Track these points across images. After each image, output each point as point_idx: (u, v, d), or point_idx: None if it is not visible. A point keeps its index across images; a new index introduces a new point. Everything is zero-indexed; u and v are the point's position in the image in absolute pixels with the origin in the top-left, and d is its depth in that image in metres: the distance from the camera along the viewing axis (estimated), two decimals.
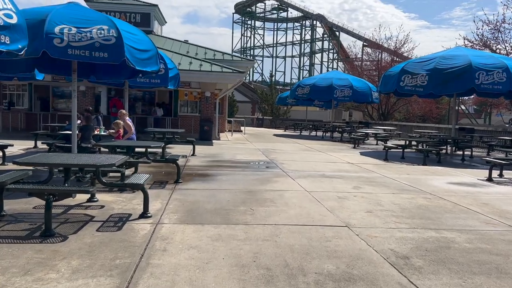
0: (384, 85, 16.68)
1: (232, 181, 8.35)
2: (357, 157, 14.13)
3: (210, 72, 17.42)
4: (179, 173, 7.99)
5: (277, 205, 6.39)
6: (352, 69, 42.03)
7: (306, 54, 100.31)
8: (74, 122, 8.60)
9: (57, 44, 6.98)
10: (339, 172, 10.36)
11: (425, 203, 7.08)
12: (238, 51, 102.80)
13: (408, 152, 15.13)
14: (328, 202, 6.79)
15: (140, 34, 8.46)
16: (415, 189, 8.36)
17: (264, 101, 43.16)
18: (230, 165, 10.73)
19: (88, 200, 6.04)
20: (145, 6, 25.60)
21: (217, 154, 13.21)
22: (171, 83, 12.25)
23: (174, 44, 23.60)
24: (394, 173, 10.53)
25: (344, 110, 58.63)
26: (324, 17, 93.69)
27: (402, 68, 15.31)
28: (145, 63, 8.26)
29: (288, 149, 16.07)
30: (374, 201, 7.04)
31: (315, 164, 11.71)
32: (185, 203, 6.25)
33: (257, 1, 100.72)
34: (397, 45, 36.30)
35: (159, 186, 7.56)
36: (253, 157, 12.82)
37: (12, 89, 22.49)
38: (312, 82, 25.42)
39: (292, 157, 13.10)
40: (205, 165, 10.65)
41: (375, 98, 25.64)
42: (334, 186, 8.32)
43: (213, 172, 9.42)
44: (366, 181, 9.12)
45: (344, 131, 24.67)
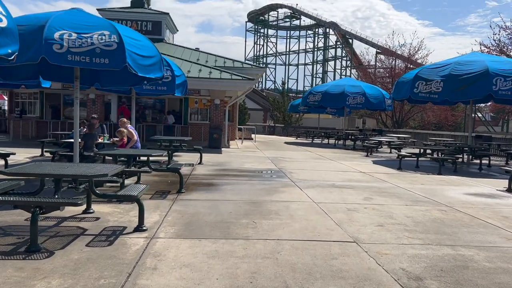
0: (398, 92, 16.24)
1: (237, 191, 8.03)
2: (370, 166, 13.69)
3: (220, 80, 17.21)
4: (181, 182, 7.71)
5: (282, 217, 6.05)
6: (365, 76, 41.54)
7: (319, 61, 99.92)
8: (76, 130, 8.40)
9: (57, 50, 6.79)
10: (349, 181, 9.96)
11: (440, 216, 6.65)
12: (250, 59, 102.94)
13: (423, 161, 14.64)
14: (336, 214, 6.42)
15: (144, 40, 8.26)
16: (430, 201, 7.93)
17: (276, 109, 42.85)
18: (237, 174, 10.42)
19: (84, 211, 5.78)
20: (156, 15, 25.64)
21: (225, 162, 12.92)
22: (178, 90, 12.02)
23: (185, 51, 23.51)
24: (408, 183, 10.10)
25: (357, 117, 58.01)
26: (337, 24, 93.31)
27: (416, 75, 14.88)
28: (148, 70, 8.03)
29: (298, 157, 15.71)
30: (386, 213, 6.64)
31: (325, 173, 11.33)
32: (184, 215, 5.95)
33: (270, 10, 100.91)
34: (411, 52, 35.78)
35: (160, 196, 7.28)
36: (261, 165, 12.49)
37: (24, 97, 22.61)
38: (324, 89, 25.06)
39: (301, 166, 12.74)
40: (211, 174, 10.35)
41: (389, 105, 25.16)
42: (344, 197, 7.94)
43: (218, 182, 9.12)
44: (378, 191, 8.72)
45: (357, 139, 24.20)
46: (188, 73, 17.49)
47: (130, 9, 25.83)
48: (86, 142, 8.97)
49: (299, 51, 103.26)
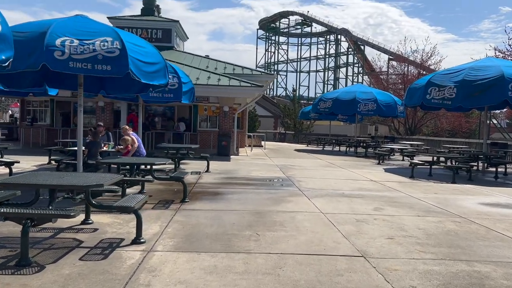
0: (410, 98, 15.90)
1: (243, 201, 7.80)
2: (381, 174, 13.36)
3: (228, 87, 17.07)
4: (185, 192, 7.51)
5: (287, 229, 5.80)
6: (377, 82, 41.11)
7: (331, 68, 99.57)
8: (80, 138, 8.27)
9: (58, 57, 6.67)
10: (359, 191, 9.66)
11: (454, 227, 6.33)
12: (262, 66, 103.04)
13: (436, 169, 14.25)
14: (344, 226, 6.14)
15: (148, 46, 8.12)
16: (443, 211, 7.60)
17: (286, 116, 42.60)
18: (244, 183, 10.19)
19: (82, 222, 5.61)
20: (166, 22, 25.68)
21: (232, 170, 12.71)
22: (185, 97, 11.89)
23: (195, 59, 23.47)
24: (420, 192, 9.76)
25: (369, 124, 57.40)
26: (349, 31, 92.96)
27: (429, 80, 14.55)
28: (152, 76, 7.88)
29: (308, 165, 15.43)
30: (397, 225, 6.35)
31: (334, 181, 11.04)
32: (185, 226, 5.74)
33: (281, 17, 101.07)
34: (423, 58, 35.30)
35: (163, 206, 7.09)
36: (269, 174, 12.25)
37: (35, 105, 22.76)
38: (334, 96, 24.77)
39: (310, 174, 12.47)
40: (218, 182, 10.14)
41: (401, 112, 24.74)
42: (353, 207, 7.65)
43: (224, 190, 8.90)
44: (389, 201, 8.41)
45: (369, 146, 23.82)
46: (197, 80, 17.40)
47: (141, 17, 25.93)
48: (90, 150, 8.84)
49: (310, 58, 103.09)
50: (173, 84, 11.27)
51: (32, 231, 5.08)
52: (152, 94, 11.07)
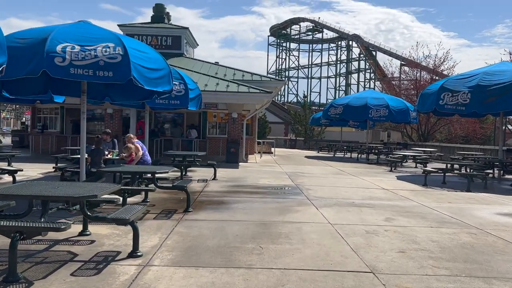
0: (422, 104, 15.55)
1: (248, 210, 7.56)
2: (393, 182, 13.00)
3: (237, 93, 16.88)
4: (188, 201, 7.28)
5: (292, 242, 5.53)
6: (389, 88, 40.62)
7: (342, 74, 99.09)
8: (83, 146, 8.13)
9: (59, 63, 6.54)
10: (370, 200, 9.34)
11: (469, 240, 6.00)
12: (273, 72, 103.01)
13: (450, 176, 13.83)
14: (353, 238, 5.85)
15: (152, 52, 7.96)
16: (458, 222, 7.25)
17: (297, 122, 42.29)
18: (251, 191, 9.94)
19: (80, 233, 5.41)
20: (176, 29, 25.69)
21: (240, 178, 12.47)
22: (192, 104, 11.71)
23: (204, 65, 23.38)
24: (434, 202, 9.40)
25: (382, 130, 56.74)
26: (360, 37, 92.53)
27: (441, 86, 14.19)
28: (156, 83, 7.72)
29: (318, 172, 15.12)
30: (408, 237, 6.03)
31: (344, 190, 10.73)
32: (186, 238, 5.50)
33: (292, 24, 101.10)
34: (436, 63, 34.76)
35: (165, 216, 6.87)
36: (277, 181, 11.98)
37: (46, 112, 22.86)
38: (345, 102, 24.42)
39: (320, 182, 12.17)
40: (224, 190, 9.91)
41: (414, 118, 24.28)
42: (363, 217, 7.35)
43: (230, 199, 8.66)
44: (401, 211, 8.08)
45: (381, 153, 23.41)
46: (205, 87, 17.26)
47: (150, 25, 25.98)
48: (93, 158, 8.70)
49: (322, 64, 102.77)
50: (180, 90, 11.12)
51: (27, 243, 4.91)
52: (159, 101, 10.95)
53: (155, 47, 25.05)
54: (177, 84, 11.14)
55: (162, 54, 24.79)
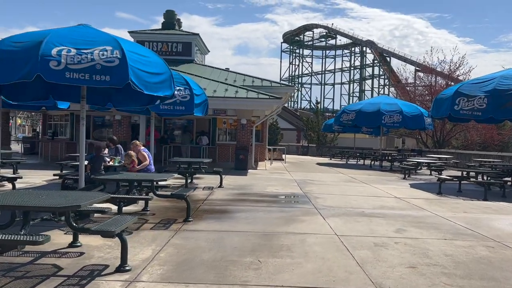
0: (437, 109, 15.03)
1: (251, 220, 7.22)
2: (406, 190, 12.52)
3: (246, 99, 16.61)
4: (188, 210, 6.98)
5: (294, 255, 5.17)
6: (403, 94, 39.95)
7: (356, 80, 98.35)
8: (82, 152, 7.92)
9: (54, 67, 6.33)
10: (381, 209, 8.92)
11: (486, 254, 5.56)
12: (286, 79, 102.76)
13: (466, 184, 13.27)
14: (360, 251, 5.47)
15: (152, 56, 7.73)
16: (474, 233, 6.80)
17: (309, 129, 41.85)
18: (256, 200, 9.60)
19: (70, 245, 5.15)
20: (186, 36, 25.63)
21: (246, 185, 12.14)
22: (198, 110, 11.47)
23: (214, 71, 23.21)
24: (448, 211, 8.94)
25: (396, 137, 55.81)
26: (374, 43, 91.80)
27: (456, 90, 13.68)
28: (157, 87, 7.48)
29: (328, 180, 14.70)
30: (420, 250, 5.62)
31: (355, 198, 10.31)
32: (181, 251, 5.19)
33: (305, 30, 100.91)
34: (451, 68, 34.05)
35: (163, 226, 6.57)
36: (285, 189, 11.62)
37: (56, 119, 22.90)
38: (358, 107, 23.97)
39: (329, 190, 11.76)
40: (229, 198, 9.59)
41: (428, 124, 23.67)
42: (372, 228, 6.95)
43: (234, 208, 8.33)
44: (413, 221, 7.65)
45: (395, 160, 22.85)
46: (214, 92, 17.05)
47: (161, 31, 25.96)
48: (93, 165, 8.47)
49: (335, 70, 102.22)
50: (185, 96, 10.89)
51: (12, 255, 4.66)
52: (163, 106, 10.71)
53: (165, 54, 25.06)
54: (182, 90, 10.94)
55: (173, 61, 24.99)
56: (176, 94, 10.78)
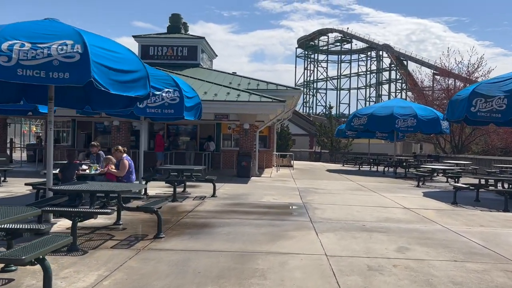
0: (452, 112, 13.91)
1: (232, 236, 6.34)
2: (418, 200, 11.46)
3: (247, 102, 15.77)
4: (159, 225, 6.14)
5: (266, 283, 4.27)
6: (419, 97, 38.57)
7: (372, 85, 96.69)
8: (49, 160, 7.21)
9: (3, 63, 5.62)
10: (385, 222, 7.94)
11: (504, 282, 4.57)
12: (301, 84, 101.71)
13: (485, 193, 12.13)
14: (349, 277, 4.54)
15: (124, 52, 6.97)
16: (490, 253, 5.79)
17: (323, 134, 40.74)
18: (248, 211, 8.71)
19: (3, 269, 4.36)
20: (191, 39, 25.03)
21: (243, 194, 11.26)
22: (189, 114, 10.69)
23: (219, 76, 22.47)
24: (463, 224, 7.90)
25: (414, 142, 54.19)
26: (391, 46, 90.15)
27: (473, 91, 12.57)
28: (127, 87, 6.71)
29: (334, 188, 13.71)
30: (423, 276, 4.66)
31: (358, 209, 9.33)
32: (132, 277, 4.35)
33: (320, 35, 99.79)
34: (469, 70, 32.62)
35: (127, 244, 5.74)
36: (284, 199, 10.70)
37: (59, 125, 22.46)
38: (370, 111, 22.88)
39: (332, 200, 10.80)
40: (217, 210, 8.73)
41: (445, 128, 22.43)
42: (370, 246, 5.99)
43: (218, 222, 7.46)
44: (420, 237, 6.66)
45: (409, 166, 21.68)
46: (215, 96, 16.29)
47: (166, 35, 25.39)
48: (64, 173, 7.74)
49: (351, 74, 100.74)
50: (174, 98, 10.11)
51: None
52: (150, 110, 9.98)
53: (170, 58, 24.47)
54: (171, 92, 10.17)
55: (178, 65, 24.13)
56: (165, 97, 10.06)
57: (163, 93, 10.04)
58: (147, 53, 24.51)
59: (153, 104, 9.93)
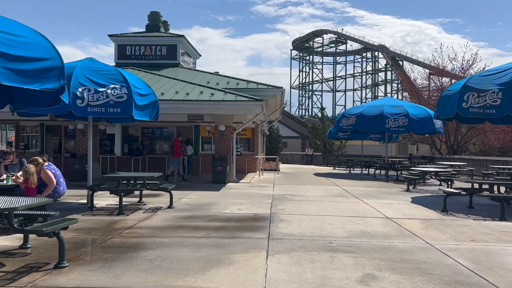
0: (442, 108, 12.61)
1: (157, 264, 5.04)
2: (404, 207, 10.19)
3: (221, 102, 14.49)
4: (61, 252, 4.82)
5: None
6: (412, 96, 37.35)
7: (368, 86, 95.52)
8: None
9: None
10: (358, 237, 6.65)
11: None
12: (296, 86, 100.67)
13: (480, 197, 10.84)
14: None
15: (31, 36, 5.67)
16: (480, 282, 4.51)
17: (315, 136, 39.47)
18: (199, 226, 7.41)
19: None
20: (170, 38, 23.79)
21: (207, 204, 9.97)
22: (142, 113, 9.41)
23: (198, 75, 21.22)
24: (450, 239, 6.62)
25: (410, 143, 52.96)
26: (386, 47, 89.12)
27: (464, 84, 11.31)
28: (30, 77, 5.42)
29: (314, 194, 12.42)
30: None
31: (331, 221, 8.04)
32: None
33: (315, 36, 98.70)
34: (463, 66, 31.42)
35: (11, 278, 4.44)
36: (250, 209, 9.40)
37: (28, 130, 21.20)
38: (359, 111, 21.54)
39: (305, 209, 9.50)
40: (162, 226, 7.42)
41: (439, 127, 21.17)
42: (327, 275, 4.70)
43: (153, 242, 6.16)
44: (395, 259, 5.38)
45: (403, 168, 20.40)
46: (186, 96, 15.01)
47: (144, 34, 24.15)
48: None
49: (346, 76, 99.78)
50: (121, 95, 8.85)
51: None
52: (92, 109, 8.67)
53: (149, 58, 23.19)
54: (117, 88, 8.89)
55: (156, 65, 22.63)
56: (109, 94, 8.77)
57: (108, 90, 8.77)
58: (124, 53, 23.29)
59: (96, 102, 8.65)
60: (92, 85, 8.75)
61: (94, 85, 8.77)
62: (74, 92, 8.47)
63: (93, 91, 8.69)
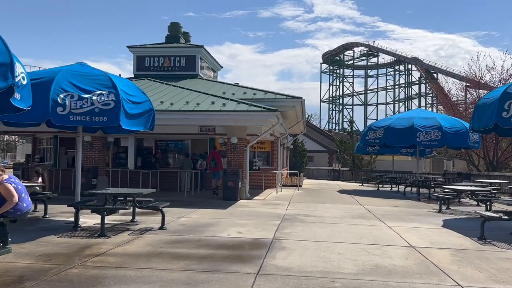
0: (478, 119, 11.05)
1: None
2: (432, 232, 8.75)
3: (233, 112, 13.47)
4: None
5: None
6: (447, 109, 35.24)
7: (401, 99, 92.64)
8: None
9: None
10: (370, 274, 5.35)
11: None
12: (326, 100, 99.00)
13: None
14: None
15: None
16: None
17: (343, 150, 37.84)
18: (182, 254, 6.30)
19: None
20: (189, 48, 23.15)
21: (205, 225, 8.86)
22: (134, 123, 8.50)
23: (215, 86, 20.42)
24: (488, 279, 5.22)
25: (446, 159, 50.28)
26: (420, 59, 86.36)
27: (505, 91, 9.81)
28: None
29: (331, 215, 11.10)
30: None
31: (341, 250, 6.75)
32: None
33: (345, 50, 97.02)
34: (503, 76, 29.25)
35: None
36: (252, 232, 8.20)
37: (44, 143, 20.86)
38: (387, 123, 20.00)
39: (315, 234, 8.22)
40: (139, 252, 6.35)
41: (475, 141, 19.38)
42: None
43: (116, 275, 5.09)
44: None
45: (436, 186, 18.62)
46: (197, 106, 14.09)
47: (162, 45, 23.62)
48: None
49: (378, 89, 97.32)
50: (107, 103, 7.98)
51: None
52: (75, 117, 7.79)
53: (167, 69, 22.58)
54: (104, 95, 8.00)
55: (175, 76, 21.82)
56: (95, 101, 7.89)
57: (93, 96, 7.89)
58: (143, 64, 22.80)
59: (79, 110, 7.78)
60: (76, 91, 7.90)
61: (78, 91, 7.93)
62: (54, 98, 7.64)
63: (77, 98, 7.83)
